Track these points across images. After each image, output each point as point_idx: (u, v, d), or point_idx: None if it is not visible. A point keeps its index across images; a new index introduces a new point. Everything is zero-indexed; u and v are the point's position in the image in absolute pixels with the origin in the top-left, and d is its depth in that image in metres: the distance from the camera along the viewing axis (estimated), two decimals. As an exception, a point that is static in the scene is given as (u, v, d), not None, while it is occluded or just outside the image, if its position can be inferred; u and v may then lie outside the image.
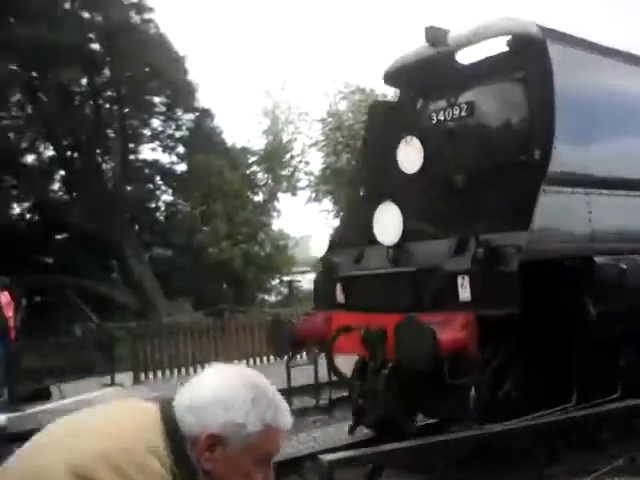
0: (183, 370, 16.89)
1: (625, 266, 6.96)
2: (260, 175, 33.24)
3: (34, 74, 26.66)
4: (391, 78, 8.78)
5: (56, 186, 30.14)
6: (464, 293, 6.54)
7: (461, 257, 6.67)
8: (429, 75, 8.14)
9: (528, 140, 7.23)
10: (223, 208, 29.18)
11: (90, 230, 26.66)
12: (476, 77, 7.69)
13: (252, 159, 33.26)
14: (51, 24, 24.48)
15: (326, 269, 8.31)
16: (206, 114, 31.30)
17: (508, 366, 6.76)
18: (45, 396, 14.17)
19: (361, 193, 8.85)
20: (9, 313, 14.20)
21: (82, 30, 26.15)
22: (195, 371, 17.04)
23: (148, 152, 31.82)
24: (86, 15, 27.22)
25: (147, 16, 28.13)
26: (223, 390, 1.81)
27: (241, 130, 64.46)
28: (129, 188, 30.37)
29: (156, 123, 30.92)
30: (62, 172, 29.64)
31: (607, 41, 8.02)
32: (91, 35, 27.19)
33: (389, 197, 7.38)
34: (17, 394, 13.88)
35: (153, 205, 32.69)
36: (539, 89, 7.16)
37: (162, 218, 33.21)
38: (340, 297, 7.94)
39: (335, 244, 8.38)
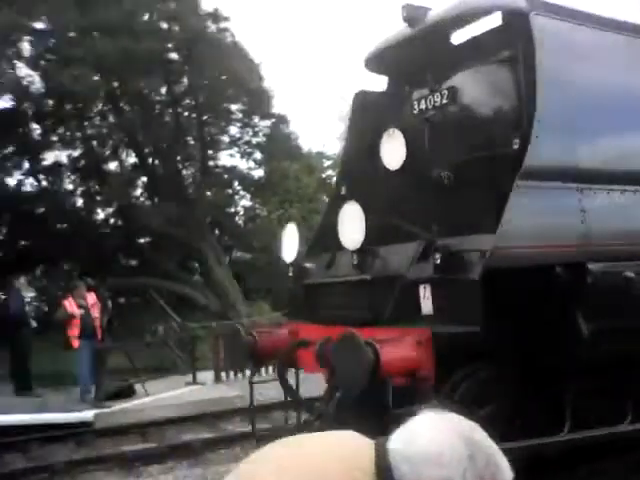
0: (262, 370, 16.92)
1: (632, 274, 5.79)
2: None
3: (116, 84, 27.19)
4: (372, 64, 7.74)
5: (138, 192, 30.75)
6: (426, 305, 5.63)
7: (425, 263, 5.71)
8: (410, 59, 7.13)
9: (516, 129, 6.18)
10: (300, 212, 29.26)
11: (172, 234, 27.01)
12: (460, 59, 6.65)
13: (327, 163, 33.29)
14: (131, 36, 24.97)
15: (295, 275, 7.36)
16: (282, 120, 31.13)
17: (482, 392, 5.66)
18: (129, 394, 14.42)
19: (342, 192, 7.76)
20: (96, 314, 14.53)
21: (161, 40, 26.57)
22: (274, 371, 17.08)
23: (226, 158, 31.98)
24: (164, 26, 27.60)
25: (223, 25, 28.28)
26: (439, 444, 1.67)
27: (317, 135, 64.56)
28: (209, 193, 30.63)
29: (234, 130, 30.94)
30: (144, 178, 30.19)
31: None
32: (169, 45, 27.54)
33: (371, 196, 6.57)
34: (103, 392, 14.16)
35: (232, 210, 33.00)
36: (525, 69, 6.10)
37: (241, 222, 33.52)
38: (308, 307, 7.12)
39: (313, 247, 7.48)
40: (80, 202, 29.65)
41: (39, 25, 25.70)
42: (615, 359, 5.83)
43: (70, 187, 29.39)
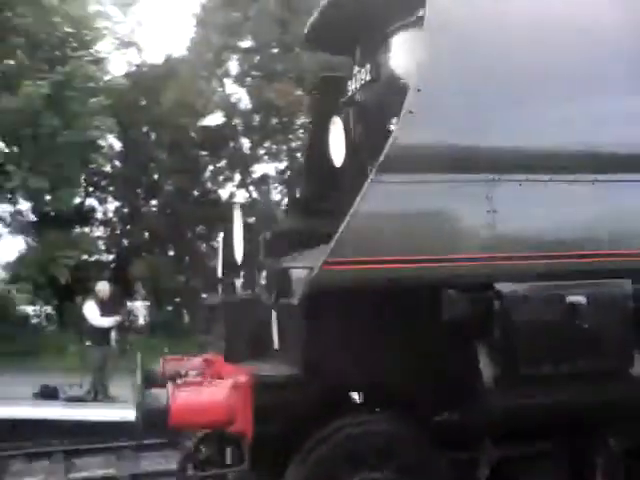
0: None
1: (583, 299, 3.83)
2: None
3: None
4: (311, 39, 6.34)
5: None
6: (275, 337, 4.31)
7: None
8: (344, 28, 5.65)
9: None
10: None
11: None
12: (386, 24, 5.10)
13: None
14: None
15: (223, 292, 6.14)
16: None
17: (353, 457, 4.06)
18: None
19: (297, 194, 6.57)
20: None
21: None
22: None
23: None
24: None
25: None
26: None
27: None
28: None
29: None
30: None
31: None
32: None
33: (327, 197, 5.49)
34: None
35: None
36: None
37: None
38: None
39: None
40: (287, 213, 30.18)
41: (245, 44, 26.48)
42: (546, 418, 4.05)
43: (278, 198, 30.00)
